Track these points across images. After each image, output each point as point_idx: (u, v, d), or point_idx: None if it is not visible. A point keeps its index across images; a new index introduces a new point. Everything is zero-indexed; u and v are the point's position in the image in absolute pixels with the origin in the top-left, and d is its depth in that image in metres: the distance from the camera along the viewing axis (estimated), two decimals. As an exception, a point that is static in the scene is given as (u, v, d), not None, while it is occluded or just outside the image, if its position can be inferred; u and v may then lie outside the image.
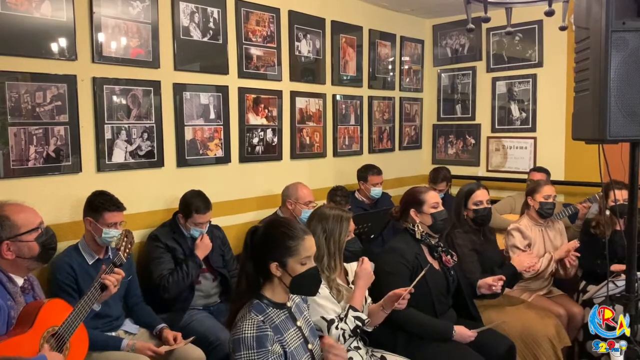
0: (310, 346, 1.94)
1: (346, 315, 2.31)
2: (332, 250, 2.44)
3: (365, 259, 2.45)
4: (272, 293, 1.90)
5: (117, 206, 2.69)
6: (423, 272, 2.45)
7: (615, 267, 3.15)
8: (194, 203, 3.10)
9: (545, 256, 3.32)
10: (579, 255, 3.30)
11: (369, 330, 2.43)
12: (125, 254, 2.41)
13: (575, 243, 3.32)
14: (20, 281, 2.09)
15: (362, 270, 2.41)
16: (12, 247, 2.02)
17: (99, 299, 2.25)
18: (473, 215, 3.17)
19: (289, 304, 1.96)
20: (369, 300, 2.51)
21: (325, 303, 2.33)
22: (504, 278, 2.84)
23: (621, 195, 3.31)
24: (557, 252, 3.36)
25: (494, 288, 2.82)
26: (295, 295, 2.01)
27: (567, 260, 3.29)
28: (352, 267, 2.66)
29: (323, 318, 2.29)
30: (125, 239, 2.44)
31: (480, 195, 3.18)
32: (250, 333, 1.77)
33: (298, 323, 1.95)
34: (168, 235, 3.10)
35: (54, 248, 2.18)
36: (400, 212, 2.91)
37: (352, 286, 2.57)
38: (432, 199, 2.82)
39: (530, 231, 3.42)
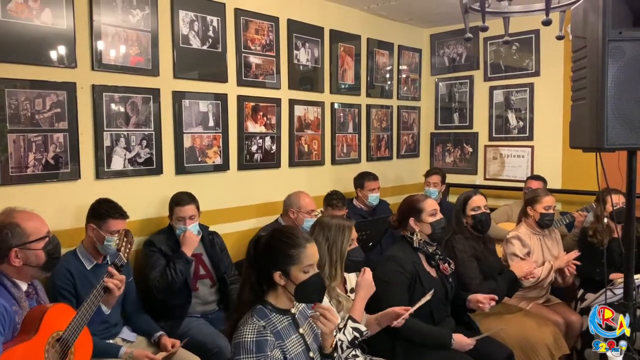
0: (311, 354, 1.94)
1: (345, 326, 2.30)
2: (333, 258, 2.44)
3: (367, 269, 2.44)
4: (275, 300, 1.91)
5: (121, 214, 2.71)
6: (427, 297, 2.43)
7: (614, 275, 3.16)
8: (176, 197, 3.12)
9: (545, 265, 3.32)
10: (579, 263, 3.30)
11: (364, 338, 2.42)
12: (126, 254, 2.41)
13: (576, 253, 3.33)
14: (24, 286, 2.10)
15: (363, 280, 2.40)
16: (20, 254, 2.02)
17: (106, 302, 2.26)
18: (472, 221, 3.18)
19: (293, 311, 1.96)
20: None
21: None
22: (496, 298, 2.78)
23: (618, 199, 3.33)
24: (557, 261, 3.37)
25: (480, 305, 2.76)
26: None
27: (566, 268, 3.29)
28: (350, 277, 2.66)
29: None
30: (125, 239, 2.44)
31: (478, 200, 3.20)
32: (250, 338, 1.78)
33: (300, 330, 1.95)
34: (163, 241, 3.09)
35: (58, 257, 2.18)
36: (399, 221, 2.91)
37: (350, 295, 2.57)
38: (430, 206, 2.83)
39: (529, 239, 3.43)
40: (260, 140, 3.99)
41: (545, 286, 3.43)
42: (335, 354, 2.00)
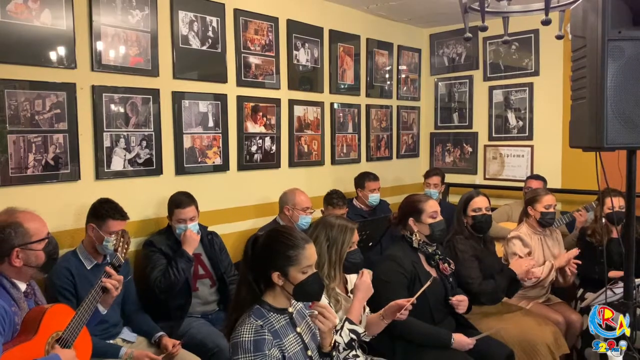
0: (309, 352, 1.94)
1: (342, 328, 2.30)
2: (333, 259, 2.44)
3: (366, 271, 2.44)
4: (273, 299, 1.92)
5: (122, 215, 2.71)
6: (427, 284, 2.44)
7: (613, 273, 3.16)
8: (176, 199, 3.11)
9: (546, 264, 3.32)
10: (579, 263, 3.30)
11: (367, 340, 2.42)
12: (123, 255, 2.41)
13: (576, 251, 3.33)
14: (23, 287, 2.10)
15: (362, 282, 2.40)
16: (21, 254, 2.03)
17: (103, 302, 2.26)
18: (472, 222, 3.18)
19: (290, 310, 1.97)
20: (367, 309, 2.51)
21: None
22: (461, 299, 2.78)
23: (617, 202, 3.34)
24: (557, 260, 3.37)
25: (456, 305, 2.76)
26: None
27: (567, 268, 3.29)
28: (351, 277, 2.66)
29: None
30: (122, 239, 2.45)
31: (479, 202, 3.20)
32: (248, 337, 1.79)
33: (298, 329, 1.95)
34: (162, 242, 3.09)
35: (56, 258, 2.20)
36: (399, 219, 2.91)
37: (351, 295, 2.57)
38: (431, 208, 2.83)
39: (530, 239, 3.43)
40: (260, 141, 3.99)
41: (545, 285, 3.44)
42: (333, 353, 2.01)
